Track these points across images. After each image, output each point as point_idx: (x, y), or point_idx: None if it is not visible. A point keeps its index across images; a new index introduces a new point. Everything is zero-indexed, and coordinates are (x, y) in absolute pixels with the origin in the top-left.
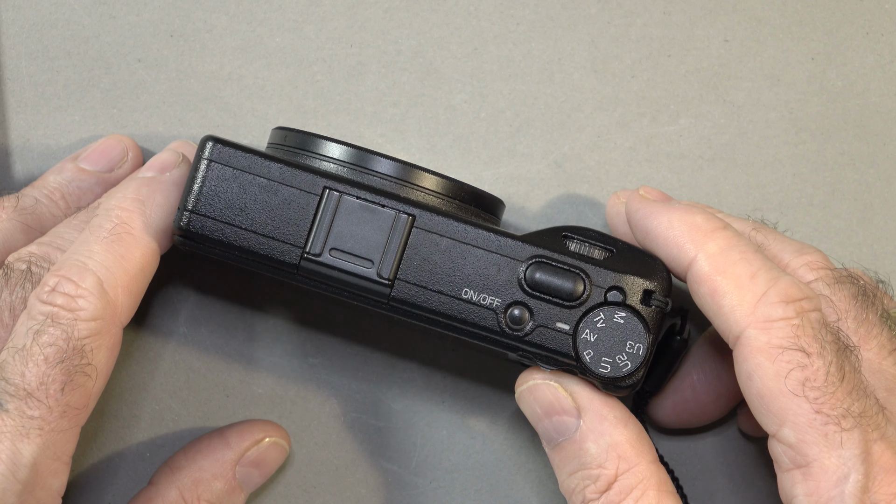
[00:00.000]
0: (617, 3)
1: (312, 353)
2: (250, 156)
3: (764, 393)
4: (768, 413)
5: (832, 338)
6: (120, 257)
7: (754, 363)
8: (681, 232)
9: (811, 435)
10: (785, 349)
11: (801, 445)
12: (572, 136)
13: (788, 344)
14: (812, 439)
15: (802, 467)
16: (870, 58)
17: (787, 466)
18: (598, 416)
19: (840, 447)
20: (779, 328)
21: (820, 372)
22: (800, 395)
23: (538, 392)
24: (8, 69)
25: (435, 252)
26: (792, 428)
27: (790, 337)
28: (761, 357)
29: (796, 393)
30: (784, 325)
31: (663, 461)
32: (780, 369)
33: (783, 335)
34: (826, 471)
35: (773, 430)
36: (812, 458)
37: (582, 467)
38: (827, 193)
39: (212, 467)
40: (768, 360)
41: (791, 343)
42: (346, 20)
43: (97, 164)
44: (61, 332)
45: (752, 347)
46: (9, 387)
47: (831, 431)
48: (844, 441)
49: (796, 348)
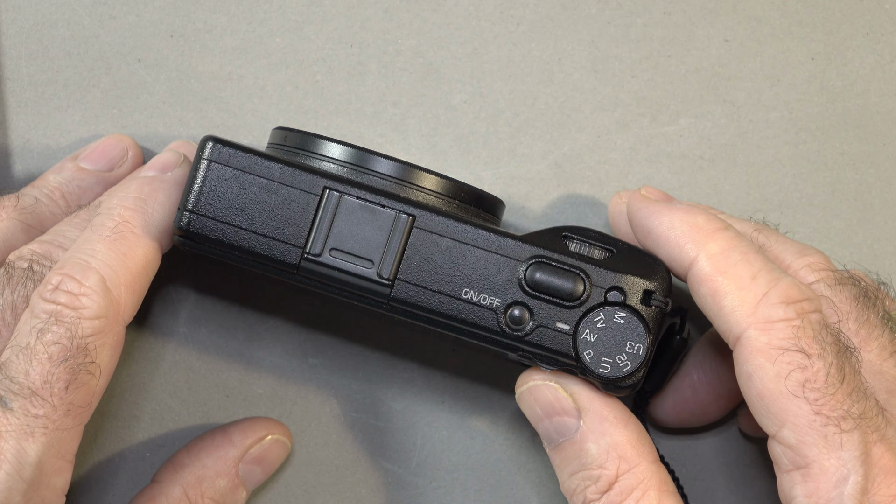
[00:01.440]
0: (617, 3)
1: (312, 353)
2: (250, 156)
3: (764, 394)
4: (768, 414)
5: (833, 339)
6: (122, 256)
7: (754, 364)
8: (682, 232)
9: (811, 436)
10: (785, 350)
11: (801, 447)
12: (572, 136)
13: (789, 345)
14: (812, 440)
15: (802, 468)
16: (870, 58)
17: (787, 467)
18: (598, 417)
19: (840, 449)
20: (779, 329)
21: (820, 373)
22: (800, 396)
23: (538, 393)
24: (8, 69)
25: (435, 252)
26: (792, 429)
27: (790, 338)
28: (761, 358)
29: (796, 394)
30: (784, 327)
31: (664, 461)
32: (780, 370)
33: (783, 336)
34: (825, 472)
35: (773, 431)
36: (811, 460)
37: (583, 468)
38: (827, 193)
39: (215, 465)
40: (768, 361)
41: (791, 344)
42: (346, 20)
43: (97, 163)
44: (65, 331)
45: (753, 348)
46: (13, 385)
47: (831, 433)
48: (844, 442)
49: (797, 349)
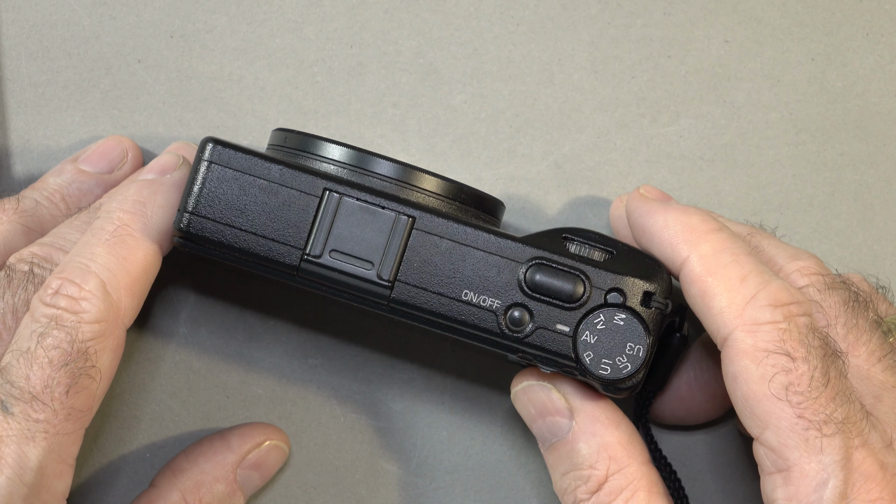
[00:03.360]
0: (617, 3)
1: (312, 354)
2: (250, 157)
3: (748, 396)
4: (752, 416)
5: (819, 343)
6: (122, 259)
7: (740, 366)
8: (675, 232)
9: (792, 439)
10: (770, 353)
11: (783, 449)
12: (572, 136)
13: (774, 347)
14: (793, 444)
15: (783, 471)
16: (870, 58)
17: (769, 470)
18: (590, 417)
19: (820, 452)
20: (765, 331)
21: (804, 377)
22: (783, 399)
23: (532, 393)
24: (8, 69)
25: (435, 254)
26: (774, 432)
27: (776, 341)
28: (747, 360)
29: (779, 397)
30: (771, 329)
31: (666, 461)
32: (764, 372)
33: (769, 339)
34: (805, 476)
35: (757, 434)
36: (792, 463)
37: (574, 468)
38: (827, 194)
39: (213, 470)
40: (753, 363)
41: (777, 347)
42: (346, 21)
43: (97, 165)
44: (65, 335)
45: (738, 350)
46: (14, 390)
47: (812, 437)
48: (825, 447)
49: (781, 352)
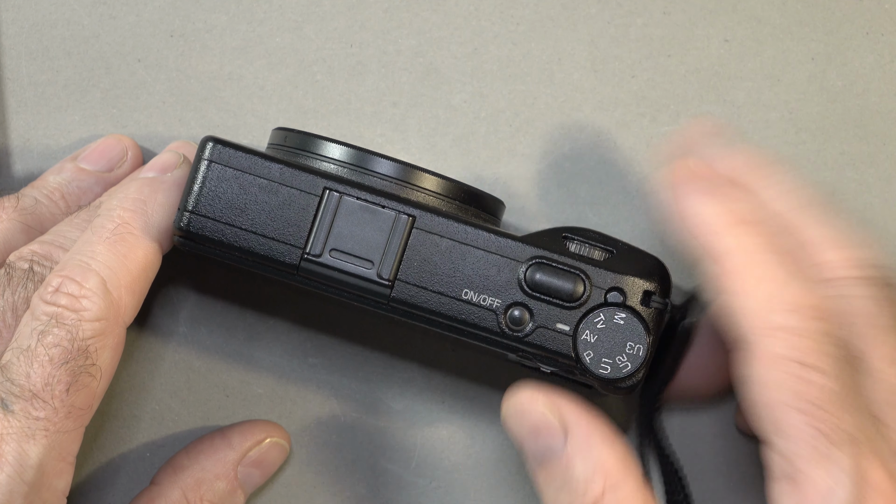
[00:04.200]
0: (617, 3)
1: (312, 353)
2: (250, 156)
3: (761, 401)
4: (763, 421)
5: (837, 350)
6: (122, 257)
7: (754, 370)
8: (702, 222)
9: (803, 448)
10: (787, 360)
11: (792, 458)
12: (572, 136)
13: (791, 355)
14: (803, 453)
15: (791, 479)
16: (870, 58)
17: (777, 476)
18: (584, 436)
19: (830, 463)
20: (782, 338)
21: (818, 387)
22: (796, 407)
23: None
24: (8, 69)
25: (435, 253)
26: (785, 439)
27: (793, 348)
28: (762, 365)
29: (792, 405)
30: (788, 335)
31: (669, 461)
32: (778, 379)
33: (787, 345)
34: (814, 485)
35: (766, 438)
36: (801, 472)
37: (568, 486)
38: (827, 194)
39: (214, 467)
40: (768, 369)
41: (794, 354)
42: (346, 20)
43: (97, 163)
44: (66, 333)
45: (754, 354)
46: (14, 388)
47: (823, 446)
48: (835, 457)
49: (798, 360)
